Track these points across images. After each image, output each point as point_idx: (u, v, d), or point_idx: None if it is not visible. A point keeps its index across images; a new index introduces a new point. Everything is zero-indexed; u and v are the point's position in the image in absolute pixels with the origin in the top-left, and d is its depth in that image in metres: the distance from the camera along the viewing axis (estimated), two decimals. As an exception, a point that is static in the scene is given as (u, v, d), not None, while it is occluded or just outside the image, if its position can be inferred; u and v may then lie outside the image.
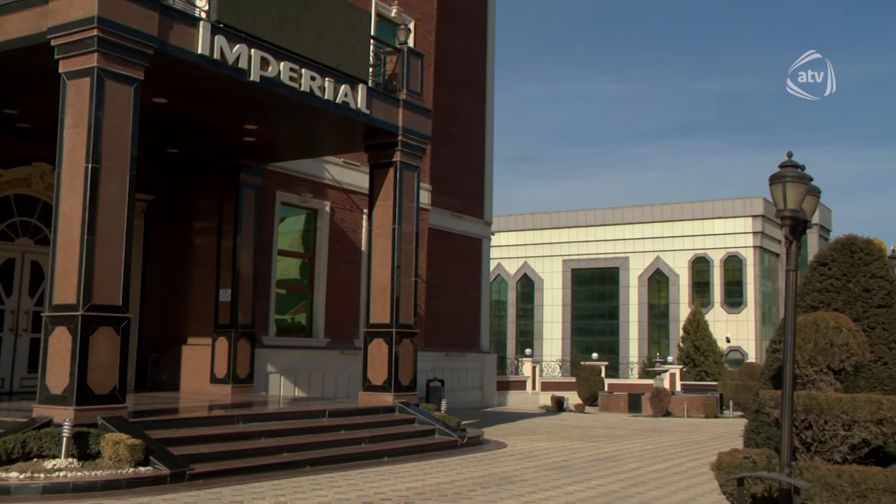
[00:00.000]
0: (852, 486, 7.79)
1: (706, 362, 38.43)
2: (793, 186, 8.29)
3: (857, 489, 7.78)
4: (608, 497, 10.71)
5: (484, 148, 30.00)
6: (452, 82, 27.63)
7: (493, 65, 30.65)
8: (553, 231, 57.15)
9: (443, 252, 26.69)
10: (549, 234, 57.26)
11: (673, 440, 19.01)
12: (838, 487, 7.82)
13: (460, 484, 11.38)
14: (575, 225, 56.43)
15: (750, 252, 51.52)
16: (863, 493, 7.76)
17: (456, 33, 28.19)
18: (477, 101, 29.80)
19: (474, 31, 29.89)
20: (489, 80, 30.41)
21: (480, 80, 30.02)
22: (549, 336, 56.61)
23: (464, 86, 28.78)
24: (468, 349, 28.28)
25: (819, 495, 7.88)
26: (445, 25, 26.47)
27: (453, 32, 27.85)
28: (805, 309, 9.99)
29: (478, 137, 29.75)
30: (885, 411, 8.27)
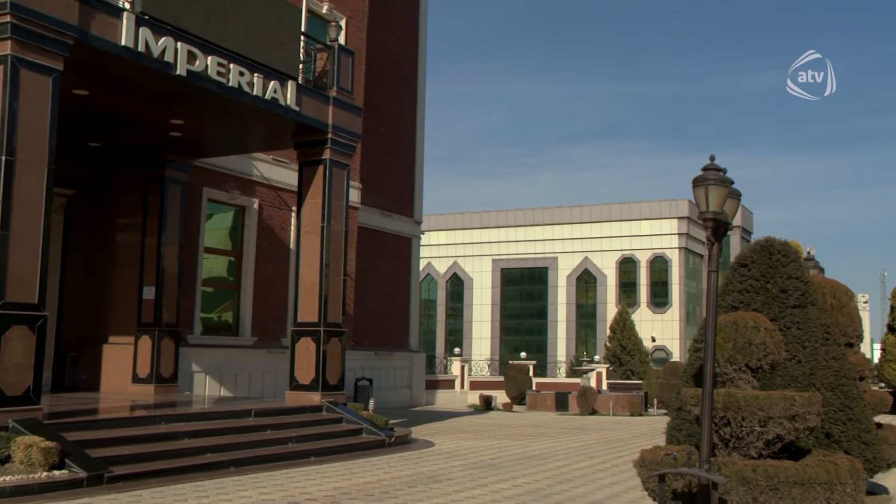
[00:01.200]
0: (766, 480, 8.03)
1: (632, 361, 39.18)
2: (715, 189, 8.50)
3: (771, 483, 8.02)
4: (534, 495, 10.81)
5: (414, 147, 29.99)
6: (384, 81, 27.54)
7: (424, 64, 30.67)
8: (483, 231, 57.49)
9: (372, 251, 26.59)
10: (478, 233, 57.59)
11: (598, 438, 19.30)
12: (753, 481, 8.05)
13: (387, 483, 11.35)
14: (504, 225, 56.88)
15: (675, 253, 52.69)
16: (776, 486, 8.02)
17: (388, 32, 28.12)
18: (408, 100, 29.78)
19: (406, 30, 29.87)
20: (420, 79, 30.42)
21: (412, 79, 30.01)
22: (478, 335, 56.94)
23: (395, 84, 28.72)
24: (397, 348, 28.23)
25: (736, 489, 8.10)
26: (377, 23, 26.37)
27: (385, 31, 27.76)
28: (726, 309, 10.26)
29: (408, 136, 29.73)
30: (797, 408, 8.54)
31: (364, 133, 20.18)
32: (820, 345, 10.06)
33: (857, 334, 13.18)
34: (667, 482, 8.49)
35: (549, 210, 56.31)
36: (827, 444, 9.78)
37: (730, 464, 8.28)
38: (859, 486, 8.65)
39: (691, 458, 8.39)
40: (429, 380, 31.13)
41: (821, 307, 10.48)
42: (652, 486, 8.73)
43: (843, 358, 10.26)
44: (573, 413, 27.83)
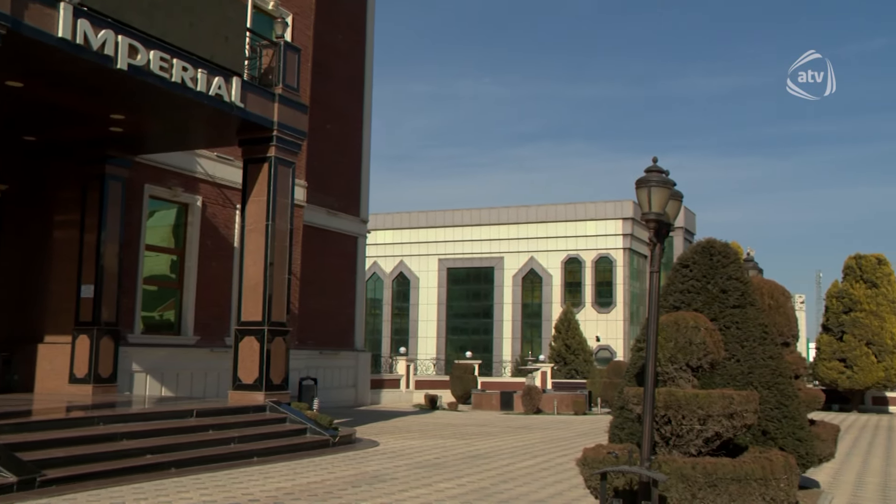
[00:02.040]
0: (705, 477, 8.18)
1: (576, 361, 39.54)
2: (657, 191, 8.62)
3: (709, 479, 8.18)
4: (478, 493, 10.85)
5: (361, 145, 29.89)
6: (331, 78, 27.38)
7: (371, 62, 30.58)
8: (429, 230, 57.53)
9: (318, 249, 26.41)
10: (425, 232, 57.61)
11: (543, 437, 19.45)
12: (692, 479, 8.20)
13: (331, 483, 11.28)
14: (451, 224, 56.99)
15: (620, 254, 53.36)
16: (713, 482, 8.17)
17: (335, 29, 27.96)
18: (355, 98, 29.66)
19: (354, 28, 29.73)
20: (368, 77, 30.31)
21: (359, 77, 29.89)
22: (424, 334, 56.96)
23: (342, 82, 28.57)
24: (342, 347, 28.10)
25: (675, 487, 8.23)
26: (324, 21, 26.20)
27: (332, 28, 27.60)
28: (668, 309, 10.41)
29: (355, 134, 29.61)
30: (735, 406, 8.71)
31: (310, 131, 20.02)
32: (758, 344, 10.28)
33: (794, 334, 13.50)
34: (608, 480, 8.59)
35: (496, 210, 56.58)
36: (763, 440, 10.00)
37: (670, 461, 8.41)
38: (792, 481, 8.87)
39: (632, 456, 8.51)
40: (374, 379, 31.05)
41: (759, 307, 10.70)
42: (594, 484, 8.83)
43: (780, 357, 10.50)
44: (518, 412, 28.00)
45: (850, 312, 34.74)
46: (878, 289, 34.80)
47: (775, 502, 8.53)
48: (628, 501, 8.51)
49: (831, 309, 35.68)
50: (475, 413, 27.80)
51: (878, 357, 33.88)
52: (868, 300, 34.56)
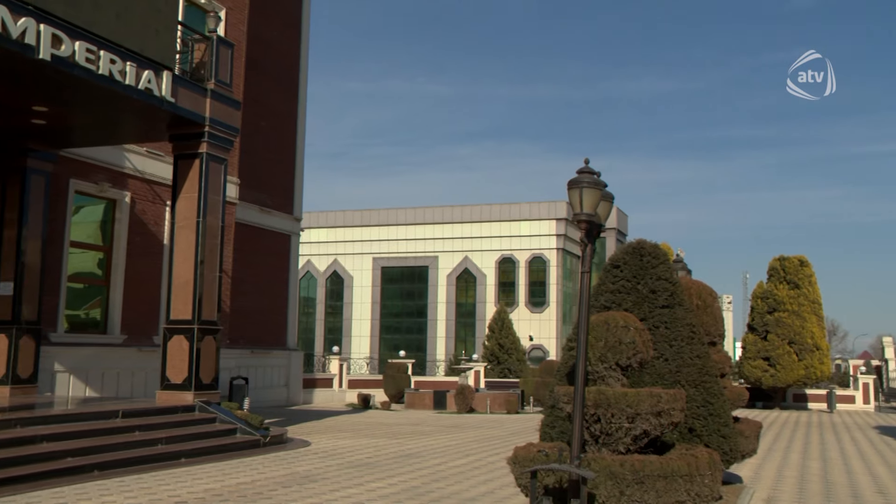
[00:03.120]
0: (633, 474, 8.32)
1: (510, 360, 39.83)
2: (589, 192, 8.72)
3: (637, 476, 8.32)
4: (409, 493, 10.83)
5: (295, 143, 29.59)
6: (265, 75, 27.04)
7: (307, 59, 30.30)
8: (364, 229, 57.28)
9: (250, 247, 26.06)
10: (359, 231, 57.35)
11: (475, 436, 19.53)
12: (621, 476, 8.33)
13: (261, 484, 11.14)
14: (386, 223, 56.85)
15: (553, 254, 53.91)
16: (641, 479, 8.32)
17: (270, 25, 27.62)
18: (290, 95, 29.36)
19: (289, 24, 29.42)
20: (303, 74, 30.03)
21: (294, 74, 29.59)
22: (357, 333, 56.71)
23: (277, 79, 28.24)
24: (274, 346, 27.78)
25: (604, 484, 8.35)
26: (259, 16, 25.86)
27: (267, 24, 27.26)
28: (599, 309, 10.55)
29: (289, 132, 29.30)
30: (663, 404, 8.88)
31: (243, 127, 19.74)
32: (686, 343, 10.49)
33: (720, 333, 13.81)
34: (539, 478, 8.67)
35: (431, 209, 56.63)
36: (689, 438, 10.21)
37: (599, 459, 8.53)
38: (716, 477, 9.09)
39: (563, 454, 8.59)
40: (307, 378, 30.79)
41: (687, 307, 10.92)
42: (524, 482, 8.90)
43: (707, 356, 10.74)
44: (451, 411, 28.07)
45: (774, 312, 35.76)
46: (799, 289, 35.89)
47: (700, 498, 8.73)
48: (558, 499, 8.60)
49: (756, 309, 36.69)
50: (408, 412, 27.78)
51: (800, 356, 34.95)
52: (791, 300, 35.62)
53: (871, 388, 37.72)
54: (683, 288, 11.46)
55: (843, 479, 13.59)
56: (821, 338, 35.82)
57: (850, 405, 36.78)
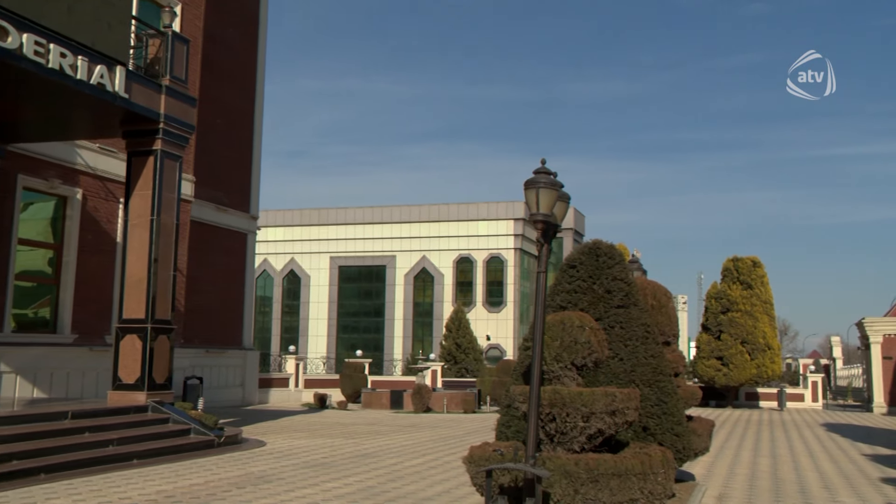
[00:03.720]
0: (587, 473, 8.38)
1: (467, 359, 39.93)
2: (545, 192, 8.76)
3: (591, 475, 8.38)
4: (365, 493, 10.80)
5: (252, 140, 29.31)
6: (221, 72, 26.75)
7: (264, 56, 30.04)
8: (321, 228, 56.97)
9: (206, 246, 25.76)
10: (317, 230, 57.02)
11: (432, 435, 19.53)
12: (575, 474, 8.38)
13: (214, 485, 11.01)
14: (343, 222, 56.60)
15: (511, 254, 54.13)
16: (595, 478, 8.38)
17: (227, 22, 27.32)
18: (246, 93, 29.07)
19: (246, 21, 29.12)
20: (260, 72, 29.76)
21: (251, 72, 29.31)
22: (314, 333, 56.37)
23: (233, 76, 27.95)
24: (230, 346, 27.49)
25: (559, 482, 8.40)
26: (216, 13, 25.57)
27: (224, 21, 26.96)
28: (555, 308, 10.61)
29: (246, 129, 29.02)
30: (618, 403, 8.96)
31: (199, 125, 19.49)
32: (640, 343, 10.59)
33: (674, 333, 13.97)
34: (494, 477, 8.69)
35: (388, 209, 56.51)
36: (644, 436, 10.32)
37: (554, 458, 8.57)
38: (669, 475, 9.20)
39: (518, 453, 8.63)
40: (262, 378, 30.54)
41: (642, 307, 11.03)
42: (480, 481, 8.91)
43: (661, 356, 10.85)
44: (408, 411, 28.03)
45: (728, 312, 36.32)
46: (752, 290, 36.50)
47: (653, 495, 8.82)
48: (513, 498, 8.63)
49: (710, 309, 37.23)
50: (365, 412, 27.69)
51: (752, 355, 35.54)
52: (744, 301, 36.20)
53: (819, 386, 38.51)
54: (638, 288, 11.57)
55: (792, 476, 13.86)
56: (772, 337, 36.47)
57: (800, 403, 37.50)
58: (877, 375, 36.21)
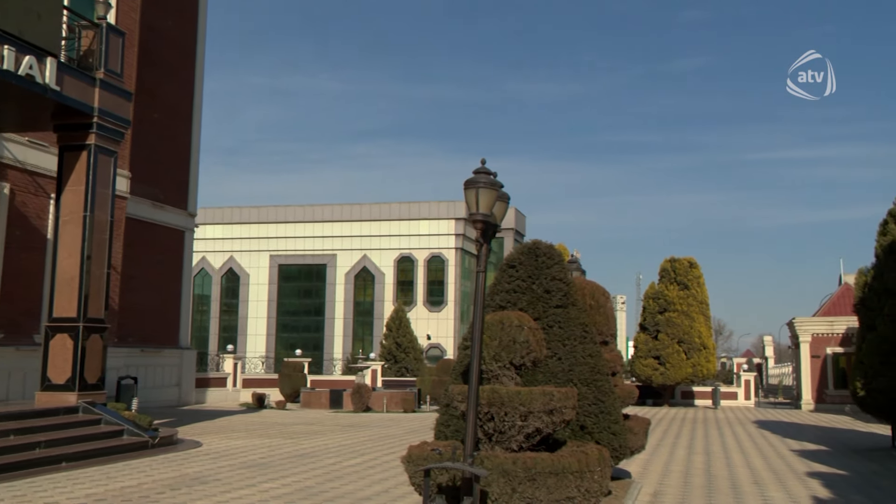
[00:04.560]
0: (525, 472, 8.42)
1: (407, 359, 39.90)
2: (485, 192, 8.78)
3: (529, 474, 8.43)
4: (303, 493, 10.70)
5: (191, 136, 28.81)
6: (159, 66, 26.23)
7: (203, 51, 29.55)
8: (261, 226, 56.30)
9: (142, 243, 25.24)
10: (256, 228, 56.34)
11: (371, 435, 19.46)
12: (513, 473, 8.42)
13: (148, 487, 10.78)
14: (284, 220, 56.03)
15: (452, 253, 54.22)
16: (533, 476, 8.43)
17: (164, 14, 26.80)
18: (185, 88, 28.57)
19: (185, 15, 28.61)
20: (199, 67, 29.27)
21: (189, 66, 28.80)
22: (253, 332, 55.70)
23: (171, 71, 27.44)
24: (166, 345, 26.99)
25: (497, 481, 8.43)
26: (153, 5, 25.05)
27: (162, 13, 26.44)
28: (494, 308, 10.64)
29: (184, 125, 28.51)
30: (555, 402, 9.02)
31: (135, 119, 19.07)
32: (578, 343, 10.68)
33: (612, 333, 14.14)
34: (432, 476, 8.68)
35: (329, 207, 56.11)
36: (581, 435, 10.41)
37: (492, 457, 8.59)
38: (605, 473, 9.30)
39: (456, 452, 8.63)
40: (199, 378, 30.07)
41: (580, 307, 11.13)
42: (418, 481, 8.89)
43: (599, 355, 10.96)
44: (348, 410, 27.90)
45: (665, 312, 36.94)
46: (689, 290, 37.18)
47: (590, 494, 8.91)
48: (452, 497, 8.63)
49: (648, 309, 37.81)
50: (304, 412, 27.47)
51: (688, 354, 36.22)
52: (680, 301, 36.86)
53: (752, 384, 39.45)
54: (577, 288, 11.68)
55: (724, 472, 14.15)
56: (708, 337, 37.21)
57: (734, 401, 38.35)
58: (805, 374, 37.24)
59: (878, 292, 17.99)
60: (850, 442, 20.68)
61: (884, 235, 18.58)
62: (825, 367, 36.82)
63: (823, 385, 36.76)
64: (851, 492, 12.19)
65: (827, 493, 12.08)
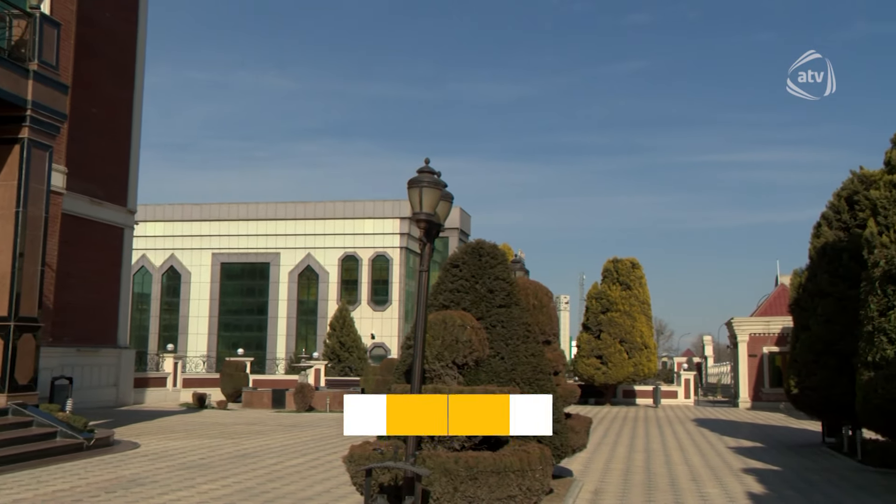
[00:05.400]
0: (466, 471, 8.44)
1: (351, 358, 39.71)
2: (428, 191, 8.77)
3: (471, 473, 8.44)
4: (243, 494, 10.56)
5: (131, 131, 28.22)
6: (98, 59, 25.65)
7: (144, 44, 28.97)
8: (203, 223, 55.47)
9: (79, 240, 24.65)
10: (199, 226, 55.48)
11: (314, 435, 19.31)
12: (455, 472, 8.42)
13: (81, 490, 10.53)
14: (227, 218, 55.28)
15: (397, 252, 54.12)
16: (475, 475, 8.45)
17: (103, 6, 26.19)
18: (125, 82, 27.97)
19: (125, 7, 28.00)
20: (140, 60, 28.68)
21: (130, 60, 28.20)
22: (195, 331, 54.85)
23: (110, 64, 26.84)
24: (103, 344, 26.40)
25: (438, 481, 8.42)
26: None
27: (100, 5, 25.84)
28: (438, 307, 10.64)
29: (124, 120, 27.92)
30: (498, 401, 9.04)
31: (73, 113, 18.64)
32: (521, 342, 10.74)
33: (555, 332, 14.25)
34: (374, 476, 8.64)
35: (273, 205, 55.54)
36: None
37: (434, 456, 8.59)
38: (547, 471, 9.37)
39: (398, 452, 8.60)
40: (138, 377, 29.49)
41: (523, 307, 11.19)
42: (360, 480, 8.84)
43: (541, 354, 11.04)
44: (290, 410, 27.65)
45: (607, 312, 37.39)
46: (631, 290, 37.70)
47: (531, 492, 8.96)
48: (394, 497, 8.60)
49: (591, 309, 38.23)
50: (245, 412, 27.15)
51: (629, 354, 36.72)
52: (622, 301, 37.35)
53: (692, 383, 40.18)
54: (520, 288, 11.75)
55: (663, 470, 14.37)
56: (649, 337, 37.77)
57: (674, 400, 39.00)
58: (743, 372, 38.06)
59: (812, 293, 18.45)
60: (783, 438, 21.19)
61: (817, 238, 19.06)
62: (762, 365, 37.67)
63: (760, 383, 37.60)
64: (784, 487, 12.49)
65: (761, 488, 12.35)
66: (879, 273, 14.01)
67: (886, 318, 13.66)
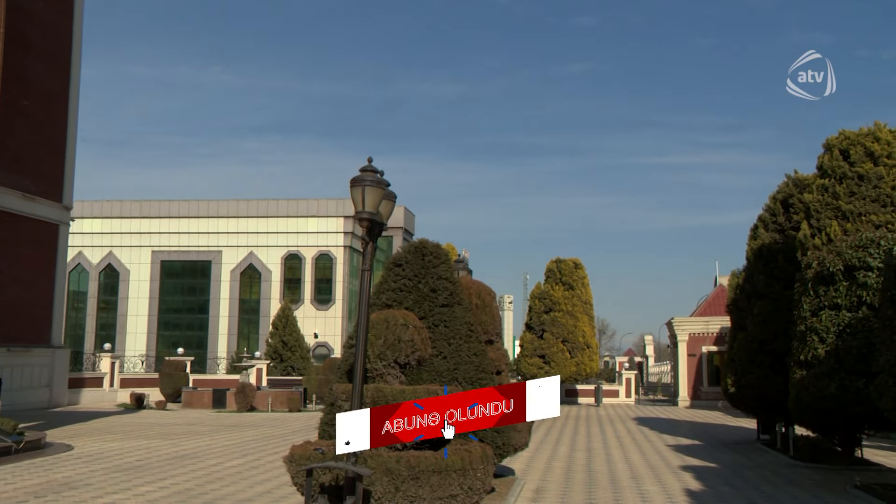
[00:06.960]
0: (408, 470, 8.42)
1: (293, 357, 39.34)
2: (371, 190, 8.73)
3: (412, 472, 8.43)
4: (182, 496, 10.38)
5: (66, 126, 27.56)
6: (30, 49, 24.97)
7: (80, 36, 28.31)
8: (142, 220, 54.40)
9: (10, 237, 24.01)
10: (138, 223, 54.39)
11: (255, 435, 19.08)
12: (396, 472, 8.40)
13: (9, 495, 10.22)
14: (167, 215, 54.28)
15: (340, 251, 53.78)
16: (416, 475, 8.43)
17: (39, -4, 25.55)
18: (60, 74, 27.29)
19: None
20: (76, 52, 28.02)
21: (65, 52, 27.54)
22: (133, 330, 53.76)
23: (44, 55, 26.16)
24: (36, 344, 25.73)
25: (380, 480, 8.39)
26: (26, -15, 23.85)
27: (35, -6, 25.20)
28: (381, 307, 10.59)
29: (59, 113, 27.25)
30: (440, 401, 9.04)
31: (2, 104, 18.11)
32: (464, 342, 10.76)
33: (497, 332, 14.31)
34: (315, 476, 8.57)
35: (215, 202, 54.71)
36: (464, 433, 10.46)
37: (375, 456, 8.55)
38: (489, 470, 9.40)
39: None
40: (73, 378, 28.83)
41: (466, 306, 11.21)
42: (301, 481, 8.76)
43: (484, 354, 11.07)
44: (231, 410, 27.30)
45: (550, 312, 37.70)
46: (573, 290, 38.08)
47: (473, 491, 8.97)
48: (335, 497, 8.54)
49: (534, 309, 38.51)
50: (185, 412, 26.72)
51: (572, 353, 37.08)
52: (565, 301, 37.71)
53: (633, 382, 40.76)
54: (463, 287, 11.76)
55: (604, 468, 14.54)
56: (591, 336, 38.20)
57: (615, 399, 39.52)
58: (683, 371, 38.74)
59: (749, 294, 18.85)
60: (720, 436, 21.61)
61: (754, 240, 19.49)
62: (700, 365, 38.39)
63: (699, 382, 38.32)
64: (720, 483, 12.74)
65: (698, 485, 12.58)
66: (812, 274, 14.37)
67: (818, 318, 14.02)
